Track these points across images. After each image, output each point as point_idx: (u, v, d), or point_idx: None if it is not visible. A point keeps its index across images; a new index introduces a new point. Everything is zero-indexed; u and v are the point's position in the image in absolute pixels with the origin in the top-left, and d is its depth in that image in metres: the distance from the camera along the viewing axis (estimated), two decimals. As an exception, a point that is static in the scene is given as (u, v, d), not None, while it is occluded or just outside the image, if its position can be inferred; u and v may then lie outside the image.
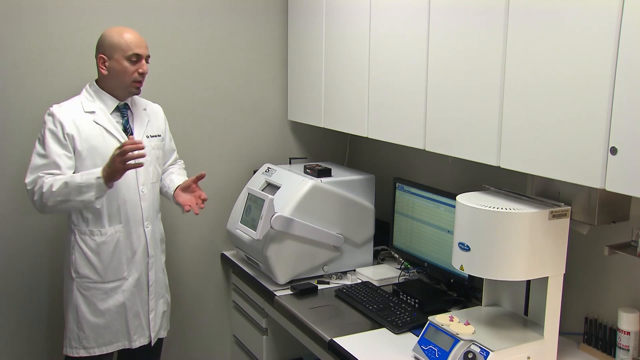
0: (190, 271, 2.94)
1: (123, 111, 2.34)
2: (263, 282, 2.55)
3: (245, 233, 2.51)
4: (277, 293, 2.44)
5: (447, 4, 1.95)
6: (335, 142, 3.20)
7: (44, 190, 2.14)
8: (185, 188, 2.40)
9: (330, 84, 2.66)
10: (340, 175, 2.64)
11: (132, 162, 2.09)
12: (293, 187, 2.51)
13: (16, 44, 2.46)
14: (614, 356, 1.85)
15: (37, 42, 2.50)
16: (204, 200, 2.36)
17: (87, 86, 2.32)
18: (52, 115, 2.21)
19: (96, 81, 2.31)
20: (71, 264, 2.31)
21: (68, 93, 2.38)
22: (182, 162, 2.67)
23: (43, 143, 2.19)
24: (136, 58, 2.24)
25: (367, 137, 2.43)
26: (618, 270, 1.90)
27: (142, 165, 2.16)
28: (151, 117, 2.44)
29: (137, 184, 2.32)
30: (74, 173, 2.20)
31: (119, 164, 2.08)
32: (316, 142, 3.18)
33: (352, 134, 2.66)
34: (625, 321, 1.80)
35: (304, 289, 2.44)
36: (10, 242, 2.57)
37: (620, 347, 1.82)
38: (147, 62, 2.29)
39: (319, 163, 2.81)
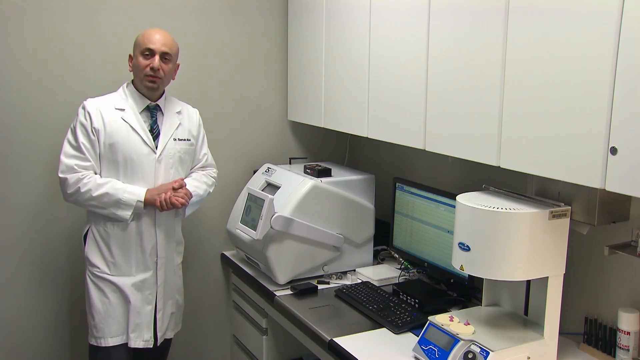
0: (190, 271, 2.94)
1: (153, 112, 2.39)
2: (263, 282, 2.55)
3: (245, 233, 2.51)
4: (277, 293, 2.44)
5: (447, 4, 1.95)
6: (335, 142, 3.20)
7: (82, 190, 2.24)
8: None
9: (330, 84, 2.66)
10: (340, 175, 2.64)
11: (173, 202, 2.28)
12: (293, 187, 2.51)
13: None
14: (614, 356, 1.85)
15: (37, 44, 2.51)
16: (177, 189, 2.34)
17: (124, 85, 2.40)
18: (84, 107, 2.29)
19: (132, 81, 2.40)
20: (84, 252, 2.38)
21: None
22: (214, 170, 2.62)
23: (74, 133, 2.27)
24: (149, 52, 2.29)
25: (367, 137, 2.43)
26: (618, 270, 1.90)
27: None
28: (184, 121, 2.46)
29: (154, 185, 2.35)
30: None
31: (163, 200, 2.27)
32: (316, 142, 3.18)
33: (352, 134, 2.66)
34: (625, 321, 1.80)
35: (304, 289, 2.44)
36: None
37: (620, 347, 1.82)
38: (166, 59, 2.31)
39: (319, 163, 2.81)
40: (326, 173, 2.61)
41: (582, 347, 1.96)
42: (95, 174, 2.29)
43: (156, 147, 2.35)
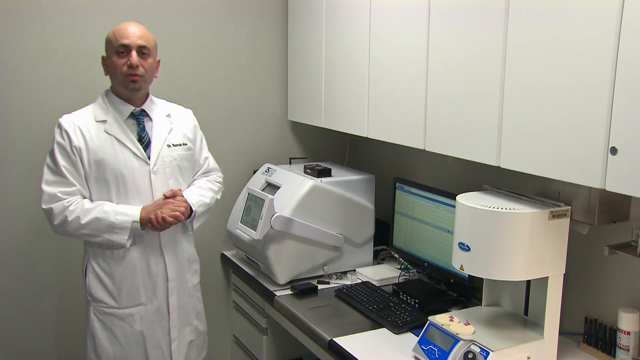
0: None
1: (139, 118, 2.16)
2: (263, 282, 2.55)
3: (245, 233, 2.51)
4: (277, 293, 2.44)
5: (447, 4, 1.95)
6: (335, 142, 3.20)
7: (70, 219, 2.02)
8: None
9: (330, 84, 2.66)
10: (340, 175, 2.64)
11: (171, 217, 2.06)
12: (293, 187, 2.51)
13: (19, 48, 2.47)
14: (614, 356, 1.85)
15: (41, 47, 2.50)
16: (169, 197, 2.13)
17: (103, 93, 2.18)
18: (59, 126, 2.08)
19: (111, 87, 2.18)
20: (86, 287, 2.17)
21: (77, 98, 2.37)
22: (218, 174, 2.44)
23: (53, 156, 2.06)
24: (124, 49, 2.05)
25: (367, 137, 2.43)
26: (618, 270, 1.90)
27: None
28: (176, 124, 2.24)
29: (153, 201, 2.13)
30: (89, 194, 2.08)
31: (155, 221, 2.04)
32: (316, 142, 3.18)
33: (352, 134, 2.66)
34: (625, 321, 1.80)
35: (304, 289, 2.44)
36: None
37: (620, 347, 1.82)
38: (144, 54, 2.08)
39: (319, 163, 2.81)
40: (326, 173, 2.61)
41: (582, 347, 1.96)
42: (84, 198, 2.08)
43: (149, 158, 2.13)
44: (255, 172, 2.90)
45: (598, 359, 1.90)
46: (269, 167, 2.80)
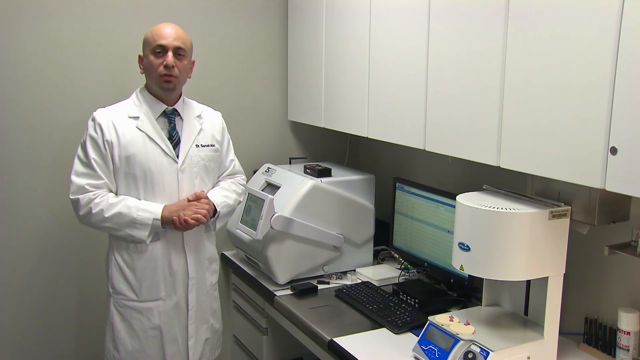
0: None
1: (171, 117, 2.19)
2: (263, 282, 2.55)
3: (245, 233, 2.51)
4: (277, 293, 2.44)
5: (447, 4, 1.95)
6: (335, 142, 3.20)
7: (94, 211, 2.06)
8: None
9: (330, 84, 2.66)
10: (340, 175, 2.64)
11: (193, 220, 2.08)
12: (293, 187, 2.51)
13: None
14: (614, 356, 1.85)
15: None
16: (193, 200, 2.16)
17: (137, 90, 2.21)
18: (93, 120, 2.11)
19: (146, 85, 2.21)
20: (108, 279, 2.21)
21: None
22: (242, 177, 2.45)
23: (84, 148, 2.10)
24: (160, 50, 2.09)
25: (367, 137, 2.43)
26: (618, 270, 1.90)
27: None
28: (205, 125, 2.27)
29: (179, 199, 2.16)
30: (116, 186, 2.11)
31: (178, 222, 2.07)
32: (316, 142, 3.18)
33: (352, 134, 2.66)
34: (625, 321, 1.80)
35: (304, 289, 2.44)
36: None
37: (620, 347, 1.82)
38: (180, 55, 2.12)
39: (319, 163, 2.81)
40: (326, 173, 2.61)
41: (582, 347, 1.96)
42: (111, 191, 2.12)
43: (177, 156, 2.16)
44: (255, 172, 2.90)
45: (598, 359, 1.90)
46: (269, 167, 2.80)
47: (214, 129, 2.32)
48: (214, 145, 2.28)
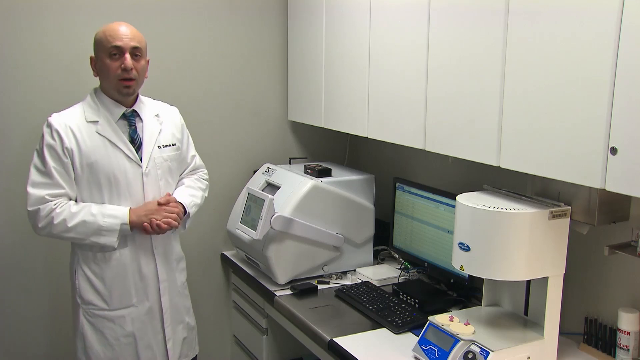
0: (190, 271, 2.93)
1: (131, 119, 2.12)
2: (263, 282, 2.55)
3: (245, 233, 2.51)
4: (277, 293, 2.44)
5: (447, 4, 1.95)
6: (335, 142, 3.20)
7: (56, 221, 1.97)
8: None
9: (330, 84, 2.66)
10: (340, 175, 2.64)
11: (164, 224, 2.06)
12: (293, 187, 2.51)
13: (12, 45, 2.45)
14: (614, 356, 1.85)
15: (32, 44, 2.47)
16: (163, 204, 2.12)
17: (92, 92, 2.12)
18: (49, 126, 2.01)
19: (101, 87, 2.13)
20: (75, 289, 2.14)
21: (68, 98, 2.32)
22: (204, 171, 2.44)
23: (42, 157, 1.99)
24: (117, 52, 2.00)
25: (367, 137, 2.43)
26: (618, 270, 1.90)
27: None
28: (164, 124, 2.22)
29: (144, 202, 2.11)
30: (76, 195, 2.04)
31: (151, 222, 2.03)
32: (316, 142, 3.18)
33: (352, 134, 2.66)
34: (625, 321, 1.80)
35: (304, 289, 2.44)
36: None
37: (620, 347, 1.82)
38: (137, 56, 2.04)
39: (319, 163, 2.81)
40: (326, 173, 2.61)
41: (582, 347, 1.96)
42: (70, 199, 2.03)
43: (141, 160, 2.10)
44: (255, 172, 2.90)
45: (598, 359, 1.90)
46: (269, 167, 2.80)
47: (174, 128, 2.26)
48: (175, 144, 2.24)
